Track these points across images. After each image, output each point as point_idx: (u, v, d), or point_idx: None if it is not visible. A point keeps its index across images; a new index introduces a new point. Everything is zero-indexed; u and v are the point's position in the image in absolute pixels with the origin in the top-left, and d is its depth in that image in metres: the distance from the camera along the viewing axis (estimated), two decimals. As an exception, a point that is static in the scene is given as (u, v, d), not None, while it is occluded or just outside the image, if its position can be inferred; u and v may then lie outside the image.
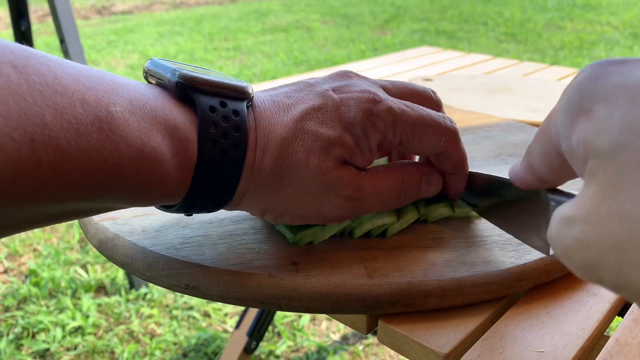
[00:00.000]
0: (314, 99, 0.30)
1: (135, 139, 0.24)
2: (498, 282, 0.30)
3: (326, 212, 0.30)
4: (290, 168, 0.28)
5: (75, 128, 0.22)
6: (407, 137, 0.31)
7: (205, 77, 0.27)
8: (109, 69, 3.33)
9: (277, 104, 0.30)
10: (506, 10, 5.23)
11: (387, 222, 0.33)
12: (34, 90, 0.21)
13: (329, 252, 0.32)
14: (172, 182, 0.26)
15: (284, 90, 0.31)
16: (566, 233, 0.19)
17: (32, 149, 0.20)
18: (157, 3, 5.70)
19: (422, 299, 0.29)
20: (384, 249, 0.32)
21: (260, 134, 0.28)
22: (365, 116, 0.29)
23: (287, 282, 0.29)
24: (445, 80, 0.77)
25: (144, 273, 0.31)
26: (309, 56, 3.59)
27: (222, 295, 0.29)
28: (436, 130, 0.31)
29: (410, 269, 0.30)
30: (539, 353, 0.27)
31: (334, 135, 0.29)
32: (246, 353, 0.98)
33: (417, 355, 0.28)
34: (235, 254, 0.31)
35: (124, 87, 0.25)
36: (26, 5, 1.19)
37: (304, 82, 0.32)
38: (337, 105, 0.30)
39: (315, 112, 0.29)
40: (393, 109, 0.30)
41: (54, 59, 0.23)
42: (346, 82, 0.31)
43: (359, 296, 0.29)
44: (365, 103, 0.30)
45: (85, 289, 1.34)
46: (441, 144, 0.32)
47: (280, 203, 0.29)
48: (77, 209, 0.24)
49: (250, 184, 0.29)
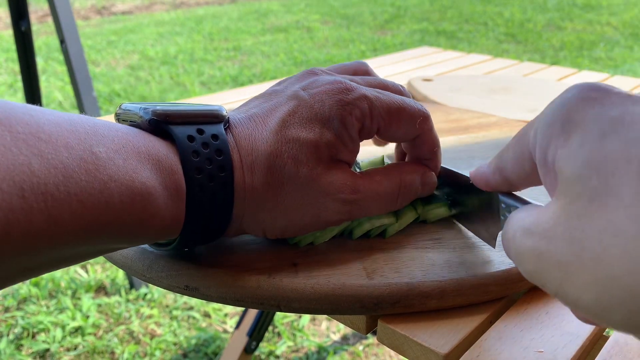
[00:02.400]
0: (286, 103, 0.30)
1: (123, 175, 0.24)
2: (498, 282, 0.30)
3: (325, 218, 0.30)
4: (282, 182, 0.29)
5: (62, 173, 0.22)
6: (384, 122, 0.31)
7: (177, 109, 0.28)
8: (109, 69, 3.34)
9: (253, 119, 0.30)
10: (506, 10, 5.23)
11: (386, 223, 0.33)
12: (18, 140, 0.21)
13: (329, 253, 0.32)
14: (166, 214, 0.26)
15: (255, 103, 0.32)
16: (523, 241, 0.21)
17: (22, 197, 0.21)
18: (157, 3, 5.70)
19: (422, 299, 0.29)
20: (383, 250, 0.32)
21: (244, 152, 0.28)
22: (340, 107, 0.29)
23: (287, 283, 0.29)
24: (445, 81, 0.77)
25: (144, 274, 0.31)
26: (309, 56, 3.59)
27: (222, 297, 0.29)
28: (410, 113, 0.32)
29: (409, 270, 0.30)
30: (538, 353, 0.27)
31: (315, 137, 0.29)
32: (246, 353, 0.98)
33: (417, 355, 0.28)
34: (235, 255, 0.31)
35: (105, 128, 0.25)
36: (26, 5, 1.19)
37: (271, 89, 0.32)
38: (311, 104, 0.30)
39: (291, 117, 0.29)
40: (366, 94, 0.30)
41: (35, 108, 0.24)
42: (313, 79, 0.32)
43: (359, 297, 0.29)
44: (338, 94, 0.30)
45: (85, 289, 1.34)
46: (417, 126, 0.32)
47: (279, 220, 0.29)
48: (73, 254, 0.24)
49: (247, 206, 0.29)
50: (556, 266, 0.19)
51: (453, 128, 0.55)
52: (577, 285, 0.18)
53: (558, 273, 0.19)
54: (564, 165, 0.20)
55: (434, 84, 0.74)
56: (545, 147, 0.22)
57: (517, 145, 0.25)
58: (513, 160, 0.25)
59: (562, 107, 0.22)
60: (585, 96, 0.21)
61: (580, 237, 0.18)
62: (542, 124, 0.23)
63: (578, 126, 0.21)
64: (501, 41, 4.01)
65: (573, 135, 0.20)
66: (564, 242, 0.19)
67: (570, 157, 0.20)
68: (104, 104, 2.73)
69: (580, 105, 0.21)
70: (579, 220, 0.19)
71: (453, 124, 0.56)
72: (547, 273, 0.20)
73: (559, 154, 0.21)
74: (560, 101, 0.22)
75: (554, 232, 0.20)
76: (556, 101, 0.23)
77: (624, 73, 3.14)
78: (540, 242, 0.20)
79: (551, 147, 0.21)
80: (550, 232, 0.20)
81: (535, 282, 0.21)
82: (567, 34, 4.20)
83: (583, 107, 0.21)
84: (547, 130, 0.22)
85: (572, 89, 0.23)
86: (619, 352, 0.28)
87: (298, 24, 4.69)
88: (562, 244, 0.19)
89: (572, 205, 0.19)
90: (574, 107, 0.21)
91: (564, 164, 0.20)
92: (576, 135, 0.20)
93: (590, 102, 0.21)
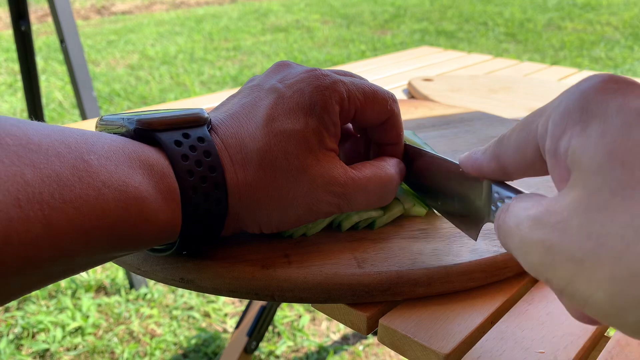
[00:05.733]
0: (266, 97, 0.31)
1: (116, 181, 0.24)
2: (483, 269, 0.31)
3: (316, 209, 0.30)
4: (274, 176, 0.29)
5: (56, 181, 0.22)
6: (360, 104, 0.32)
7: (160, 116, 0.28)
8: (109, 68, 3.34)
9: (236, 117, 0.30)
10: (506, 10, 5.23)
11: (374, 215, 0.35)
12: (9, 152, 0.21)
13: (320, 245, 0.33)
14: (162, 218, 0.26)
15: (234, 101, 0.32)
16: (532, 231, 0.20)
17: (19, 207, 0.21)
18: (157, 3, 5.70)
19: (411, 287, 0.30)
20: (373, 240, 0.33)
21: (232, 151, 0.29)
22: (319, 92, 0.30)
23: (280, 273, 0.30)
24: (446, 81, 0.77)
25: (139, 268, 0.31)
26: (309, 56, 3.59)
27: (216, 288, 0.30)
28: (382, 95, 0.33)
29: (398, 259, 0.31)
30: (540, 354, 0.27)
31: (301, 126, 0.29)
32: (246, 353, 0.98)
33: (418, 355, 0.28)
34: (229, 247, 0.32)
35: (93, 136, 0.26)
36: (26, 5, 1.19)
37: (248, 86, 0.33)
38: (290, 95, 0.30)
39: (274, 110, 0.30)
40: (341, 79, 0.31)
41: (23, 120, 0.24)
42: (288, 70, 0.32)
43: (350, 285, 0.30)
44: (315, 80, 0.31)
45: (85, 289, 1.34)
46: (388, 108, 0.33)
47: (275, 214, 0.30)
48: (72, 266, 0.24)
49: (242, 203, 0.29)
50: (568, 261, 0.18)
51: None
52: (590, 282, 0.17)
53: (570, 268, 0.18)
54: (582, 155, 0.19)
55: (434, 84, 0.74)
56: (559, 136, 0.21)
57: (521, 132, 0.24)
58: (515, 148, 0.24)
59: (580, 96, 0.21)
60: (607, 87, 0.20)
61: (599, 231, 0.17)
62: (557, 113, 0.21)
63: (597, 116, 0.20)
64: (501, 41, 4.01)
65: (592, 124, 0.19)
66: (580, 235, 0.18)
67: (590, 147, 0.19)
68: (104, 103, 2.73)
69: (600, 95, 0.20)
70: (598, 213, 0.18)
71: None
72: (556, 267, 0.19)
73: (574, 144, 0.20)
74: (578, 90, 0.21)
75: (568, 224, 0.19)
76: (572, 90, 0.22)
77: (624, 73, 3.14)
78: (551, 234, 0.19)
79: (565, 136, 0.20)
80: (563, 224, 0.19)
81: (538, 275, 0.20)
82: (567, 34, 4.20)
83: (604, 97, 0.20)
84: (562, 119, 0.21)
85: (590, 79, 0.21)
86: (620, 353, 0.28)
87: (298, 23, 4.69)
88: (578, 237, 0.18)
89: (591, 198, 0.18)
90: (593, 97, 0.20)
91: (582, 154, 0.19)
92: (596, 125, 0.19)
93: (611, 93, 0.20)
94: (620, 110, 0.19)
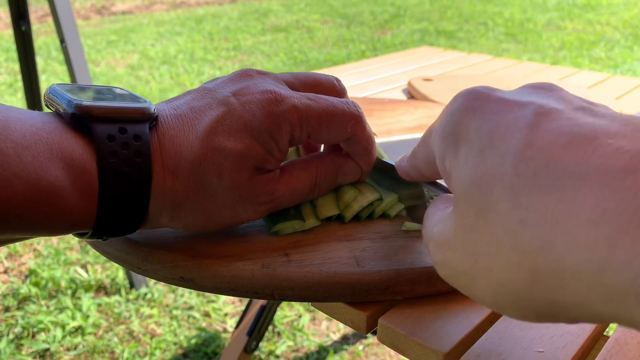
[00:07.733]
0: (216, 107, 0.29)
1: (30, 173, 0.24)
2: None
3: (243, 218, 0.31)
4: (204, 187, 0.29)
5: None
6: (314, 130, 0.31)
7: (102, 105, 0.27)
8: (109, 69, 3.34)
9: (181, 119, 0.29)
10: (506, 10, 5.23)
11: (371, 198, 0.35)
12: None
13: (319, 244, 0.33)
14: (76, 213, 0.26)
15: (186, 99, 0.31)
16: (435, 252, 0.24)
17: None
18: (157, 3, 5.70)
19: (410, 285, 0.30)
20: (372, 239, 0.34)
21: (166, 155, 0.28)
22: (269, 120, 0.29)
23: (280, 272, 0.30)
24: (446, 81, 0.77)
25: (139, 267, 0.31)
26: (309, 56, 3.59)
27: (217, 287, 0.30)
28: (342, 118, 0.32)
29: (398, 258, 0.31)
30: (539, 353, 0.27)
31: (243, 148, 0.29)
32: (246, 353, 0.98)
33: (417, 354, 0.28)
34: (228, 246, 0.32)
35: (17, 122, 0.25)
36: (26, 5, 1.19)
37: (204, 87, 0.31)
38: (241, 113, 0.29)
39: (219, 124, 0.29)
40: (296, 105, 0.30)
41: None
42: (247, 84, 0.31)
43: (350, 284, 0.30)
44: (268, 105, 0.29)
45: (85, 289, 1.34)
46: (348, 130, 0.32)
47: (200, 219, 0.30)
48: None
49: (165, 206, 0.29)
50: (461, 274, 0.22)
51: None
52: (479, 290, 0.21)
53: (464, 280, 0.22)
54: (455, 179, 0.22)
55: (434, 84, 0.74)
56: (442, 157, 0.23)
57: (424, 148, 0.27)
58: (424, 160, 0.28)
59: (450, 119, 0.23)
60: (468, 106, 0.22)
61: (474, 249, 0.21)
62: (437, 135, 0.24)
63: (463, 140, 0.22)
64: (501, 41, 4.01)
65: (460, 149, 0.22)
66: (463, 253, 0.21)
67: (460, 173, 0.21)
68: (104, 103, 2.72)
69: (463, 116, 0.22)
70: (471, 233, 0.21)
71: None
72: (456, 279, 0.22)
73: (449, 168, 0.23)
74: (448, 112, 0.23)
75: (454, 244, 0.22)
76: (446, 110, 0.24)
77: (623, 73, 3.14)
78: (446, 253, 0.23)
79: (446, 159, 0.23)
80: (452, 244, 0.22)
81: (450, 284, 0.23)
82: (567, 34, 4.20)
83: (466, 118, 0.22)
84: (442, 142, 0.23)
85: (457, 99, 0.23)
86: (619, 352, 0.28)
87: (298, 23, 4.69)
88: (463, 255, 0.21)
89: (463, 220, 0.21)
90: (459, 120, 0.22)
91: (455, 178, 0.22)
92: (462, 149, 0.22)
93: (471, 113, 0.22)
94: (477, 133, 0.21)
